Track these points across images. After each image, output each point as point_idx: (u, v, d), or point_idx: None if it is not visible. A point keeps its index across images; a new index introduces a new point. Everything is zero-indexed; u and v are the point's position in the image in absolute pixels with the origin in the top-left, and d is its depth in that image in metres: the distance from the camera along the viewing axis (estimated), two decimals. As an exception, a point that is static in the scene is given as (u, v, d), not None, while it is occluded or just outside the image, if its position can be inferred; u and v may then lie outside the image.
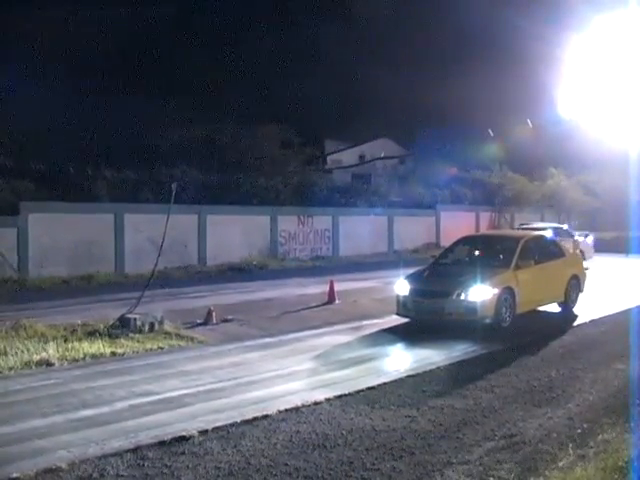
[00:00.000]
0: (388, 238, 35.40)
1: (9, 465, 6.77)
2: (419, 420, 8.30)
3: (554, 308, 16.45)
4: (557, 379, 10.28)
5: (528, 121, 43.03)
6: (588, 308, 16.68)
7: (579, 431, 7.80)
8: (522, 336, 13.57)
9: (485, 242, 17.55)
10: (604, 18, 36.21)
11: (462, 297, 13.71)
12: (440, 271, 15.62)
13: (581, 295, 17.05)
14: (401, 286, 14.77)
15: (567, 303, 16.51)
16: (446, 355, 11.94)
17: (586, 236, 30.93)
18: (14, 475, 6.49)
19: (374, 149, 49.09)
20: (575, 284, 16.84)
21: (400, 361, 12.08)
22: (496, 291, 13.88)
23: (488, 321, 13.74)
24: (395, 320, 14.87)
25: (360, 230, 33.22)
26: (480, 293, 13.65)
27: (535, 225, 29.44)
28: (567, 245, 21.04)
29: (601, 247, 33.91)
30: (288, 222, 31.02)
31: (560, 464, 6.69)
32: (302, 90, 47.00)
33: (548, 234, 19.92)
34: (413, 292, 14.47)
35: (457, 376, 10.50)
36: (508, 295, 14.21)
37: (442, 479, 6.54)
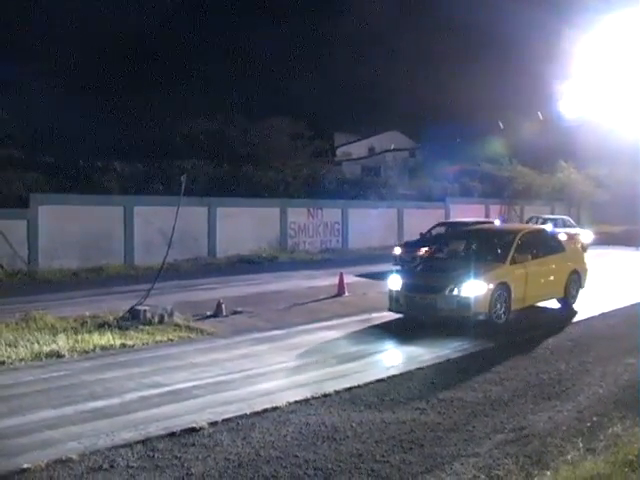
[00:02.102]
0: (398, 231, 35.31)
1: (20, 456, 6.82)
2: (429, 413, 8.31)
3: (555, 304, 16.14)
4: (567, 372, 10.26)
5: (539, 114, 42.86)
6: (597, 301, 16.59)
7: (589, 424, 7.78)
8: (530, 330, 13.54)
9: (482, 236, 16.97)
10: (615, 13, 36.02)
11: (455, 293, 13.26)
12: (433, 265, 15.25)
13: (591, 288, 16.88)
14: (393, 281, 14.36)
15: (567, 299, 15.99)
16: (456, 348, 11.92)
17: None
18: (25, 466, 6.53)
19: (384, 142, 49.02)
20: (575, 279, 16.29)
21: (409, 354, 11.94)
22: (490, 286, 13.44)
23: (482, 317, 13.32)
24: (404, 313, 14.81)
25: (370, 223, 33.15)
26: (473, 288, 13.21)
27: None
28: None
29: (612, 240, 33.89)
30: (298, 214, 31.04)
31: (569, 457, 6.67)
32: (312, 83, 46.97)
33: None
34: (405, 287, 14.05)
35: (467, 369, 10.48)
36: (503, 291, 13.75)
37: (451, 471, 6.55)
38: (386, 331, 13.58)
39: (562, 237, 26.00)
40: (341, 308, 16.03)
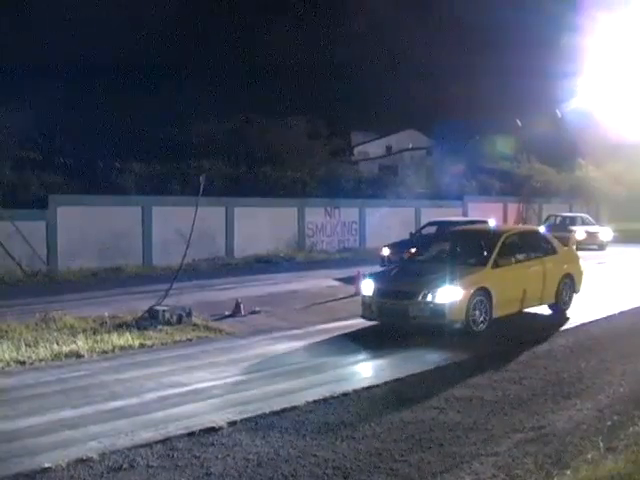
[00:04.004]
0: (415, 229, 35.20)
1: (41, 455, 6.85)
2: (447, 412, 8.28)
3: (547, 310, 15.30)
4: (586, 371, 10.18)
5: (557, 111, 42.69)
6: (616, 299, 16.44)
7: (609, 423, 7.71)
8: (543, 331, 13.45)
9: (465, 237, 16.08)
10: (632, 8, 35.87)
11: (428, 299, 12.40)
12: (408, 269, 14.51)
13: (610, 286, 16.65)
14: (366, 286, 13.62)
15: (558, 305, 14.95)
16: (474, 347, 11.84)
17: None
18: (46, 465, 6.57)
19: (401, 140, 48.94)
20: (568, 284, 15.18)
21: (426, 353, 11.78)
22: (469, 292, 12.55)
23: (458, 326, 12.49)
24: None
25: (387, 222, 33.02)
26: (449, 294, 12.34)
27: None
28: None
29: (631, 238, 33.82)
30: (315, 214, 31.03)
31: (589, 456, 6.62)
32: (329, 82, 46.99)
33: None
34: (377, 292, 13.24)
35: (485, 368, 10.41)
36: (483, 297, 12.78)
37: (471, 471, 6.52)
38: (403, 330, 13.47)
39: (581, 235, 26.11)
40: (359, 307, 15.94)
